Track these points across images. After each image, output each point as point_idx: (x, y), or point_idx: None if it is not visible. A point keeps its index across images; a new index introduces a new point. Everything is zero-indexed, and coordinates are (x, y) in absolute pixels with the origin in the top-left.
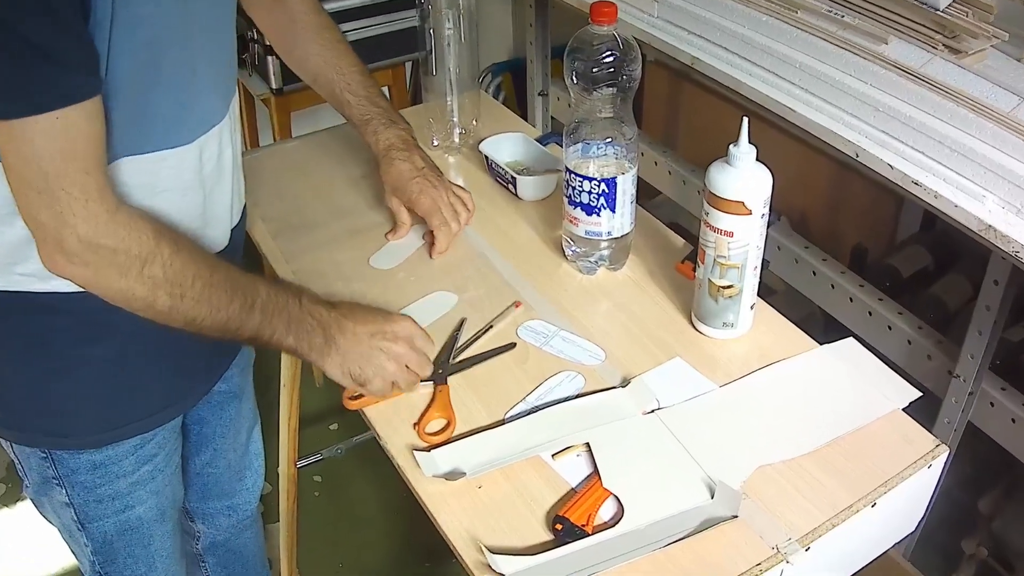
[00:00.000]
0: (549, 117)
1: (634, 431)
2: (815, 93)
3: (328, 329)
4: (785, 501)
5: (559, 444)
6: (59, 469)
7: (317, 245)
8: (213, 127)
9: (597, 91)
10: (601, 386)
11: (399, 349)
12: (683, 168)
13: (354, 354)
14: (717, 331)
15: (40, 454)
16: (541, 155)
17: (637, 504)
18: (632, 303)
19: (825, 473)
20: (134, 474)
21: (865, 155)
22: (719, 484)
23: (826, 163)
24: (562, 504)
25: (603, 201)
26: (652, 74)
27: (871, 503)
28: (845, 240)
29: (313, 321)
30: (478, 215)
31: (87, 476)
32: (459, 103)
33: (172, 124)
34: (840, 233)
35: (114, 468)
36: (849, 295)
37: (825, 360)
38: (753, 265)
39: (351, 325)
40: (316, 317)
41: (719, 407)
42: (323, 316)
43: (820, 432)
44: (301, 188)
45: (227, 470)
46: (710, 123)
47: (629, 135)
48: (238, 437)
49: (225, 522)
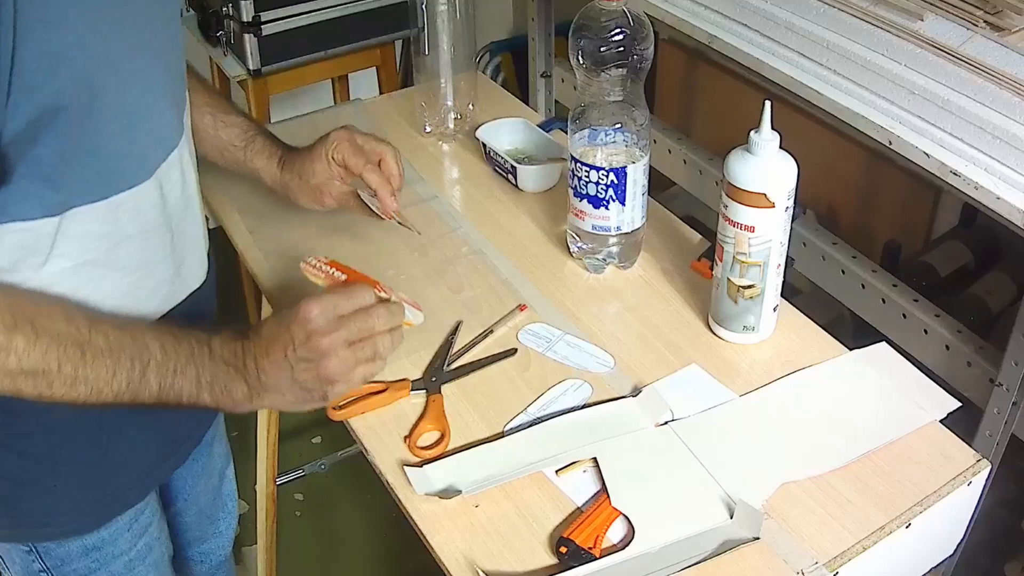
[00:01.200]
0: (553, 101)
1: (646, 445)
2: (844, 75)
3: (246, 371)
4: (811, 522)
5: (564, 459)
6: (47, 562)
7: (297, 240)
8: (172, 152)
9: (605, 72)
10: (610, 395)
11: (324, 342)
12: (699, 157)
13: (287, 383)
14: (737, 335)
15: (23, 548)
16: (544, 142)
17: (649, 525)
18: (644, 305)
19: (855, 491)
20: (131, 551)
21: (899, 142)
22: (739, 503)
23: (856, 151)
24: (567, 525)
25: (612, 193)
26: (666, 54)
27: (905, 524)
28: (877, 235)
29: (228, 369)
30: (476, 208)
31: (80, 563)
32: (454, 86)
33: (124, 161)
34: (871, 228)
35: (110, 548)
36: (881, 296)
37: (855, 367)
38: (776, 263)
39: (262, 356)
40: (231, 363)
41: (739, 419)
42: (238, 358)
43: (850, 446)
44: None
45: (199, 517)
46: (729, 107)
47: (640, 120)
48: (210, 482)
49: (197, 568)
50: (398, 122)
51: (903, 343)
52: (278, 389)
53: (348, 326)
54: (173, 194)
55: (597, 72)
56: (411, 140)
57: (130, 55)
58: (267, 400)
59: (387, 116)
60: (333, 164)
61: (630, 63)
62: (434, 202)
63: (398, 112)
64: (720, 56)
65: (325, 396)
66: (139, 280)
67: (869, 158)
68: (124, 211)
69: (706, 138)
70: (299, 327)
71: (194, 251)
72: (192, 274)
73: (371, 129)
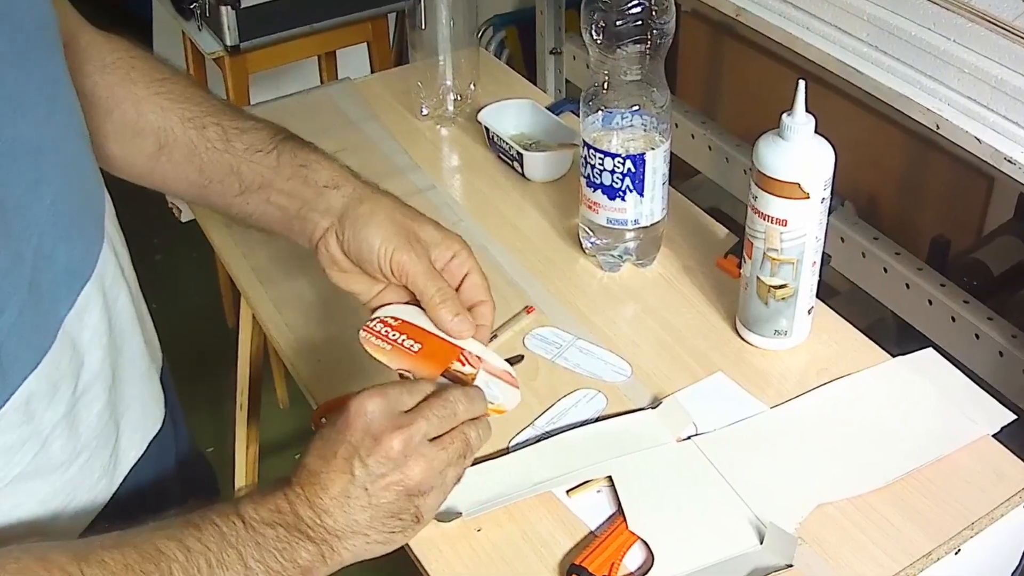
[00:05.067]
0: (563, 80)
1: (666, 462)
2: (886, 51)
3: (304, 525)
4: (850, 547)
5: (575, 478)
6: None
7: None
8: (84, 286)
9: (622, 48)
10: (626, 407)
11: (398, 443)
12: (726, 142)
13: (365, 516)
14: (767, 340)
15: None
16: (553, 127)
17: (670, 551)
18: (664, 307)
19: (899, 513)
20: None
21: (947, 126)
22: (770, 527)
23: (900, 136)
24: (579, 551)
25: (628, 183)
26: (688, 28)
27: (954, 549)
28: (923, 230)
29: (278, 532)
30: (478, 199)
31: None
32: (453, 63)
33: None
34: (917, 221)
35: None
36: (927, 296)
37: (898, 376)
38: (811, 260)
39: (320, 494)
40: (279, 522)
41: (770, 433)
42: (286, 513)
43: (892, 464)
44: None
45: None
46: (759, 88)
47: (660, 102)
48: None
49: None
50: (391, 104)
51: (952, 349)
52: (357, 530)
53: (425, 416)
54: (98, 343)
55: (612, 48)
56: (406, 124)
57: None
58: (348, 550)
59: (379, 97)
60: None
61: (649, 38)
62: (431, 193)
63: (391, 93)
64: (748, 30)
65: (419, 516)
66: (87, 462)
67: (914, 144)
68: (36, 399)
69: (733, 122)
70: (359, 434)
71: (142, 392)
72: (140, 422)
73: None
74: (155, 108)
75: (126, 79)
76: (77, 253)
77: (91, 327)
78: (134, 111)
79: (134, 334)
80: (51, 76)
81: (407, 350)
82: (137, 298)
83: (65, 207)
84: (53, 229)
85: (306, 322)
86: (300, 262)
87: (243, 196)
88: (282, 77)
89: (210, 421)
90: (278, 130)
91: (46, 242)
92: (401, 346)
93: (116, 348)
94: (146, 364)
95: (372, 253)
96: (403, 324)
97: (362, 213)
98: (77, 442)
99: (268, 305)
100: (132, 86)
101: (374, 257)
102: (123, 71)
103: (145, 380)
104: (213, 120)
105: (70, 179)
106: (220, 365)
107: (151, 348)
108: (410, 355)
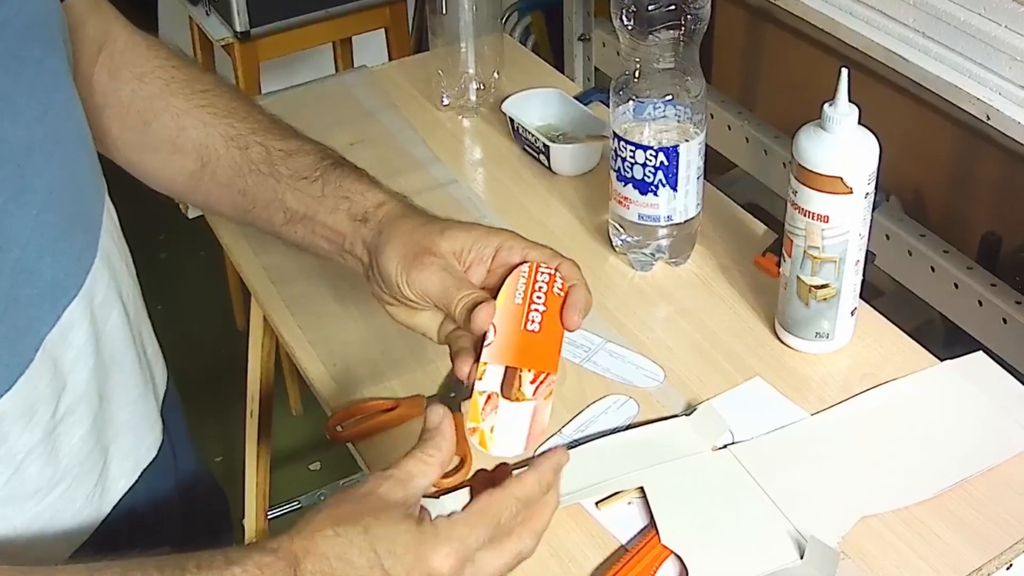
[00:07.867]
0: (592, 68)
1: (701, 472)
2: (934, 37)
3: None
4: (895, 562)
5: (605, 489)
6: None
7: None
8: (70, 304)
9: (654, 34)
10: (659, 414)
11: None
12: (764, 134)
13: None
14: (808, 343)
15: None
16: (581, 117)
17: (705, 566)
18: (699, 308)
19: (946, 526)
20: None
21: (998, 116)
22: (810, 540)
23: (948, 127)
24: (609, 566)
25: (661, 176)
26: (724, 12)
27: (1006, 564)
28: (973, 227)
29: None
30: (502, 194)
31: None
32: (476, 50)
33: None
34: (966, 218)
35: None
36: (978, 297)
37: (947, 381)
38: (854, 259)
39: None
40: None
41: (810, 441)
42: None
43: (940, 474)
44: None
45: None
46: (799, 76)
47: (695, 91)
48: None
49: None
50: (411, 93)
51: (1004, 352)
52: None
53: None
54: (83, 364)
55: (644, 34)
56: (426, 114)
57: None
58: None
59: (398, 86)
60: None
61: (683, 23)
62: (453, 187)
63: (410, 82)
64: (788, 15)
65: None
66: (67, 490)
67: (963, 135)
68: (9, 421)
69: (772, 112)
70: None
71: (134, 417)
72: (132, 449)
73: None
74: (196, 123)
75: (165, 90)
76: (64, 267)
77: (76, 347)
78: (174, 125)
79: (127, 355)
80: (46, 76)
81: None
82: (136, 317)
83: (53, 217)
84: (38, 240)
85: (320, 324)
86: (314, 261)
87: (289, 225)
88: (295, 65)
89: (218, 429)
90: (324, 154)
91: (29, 254)
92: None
93: (104, 370)
94: (140, 387)
95: (391, 282)
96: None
97: (380, 243)
98: (56, 468)
99: (280, 306)
100: (172, 98)
101: (393, 285)
102: (163, 81)
103: (138, 404)
104: (257, 139)
105: (62, 187)
106: (229, 370)
107: (149, 370)
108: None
